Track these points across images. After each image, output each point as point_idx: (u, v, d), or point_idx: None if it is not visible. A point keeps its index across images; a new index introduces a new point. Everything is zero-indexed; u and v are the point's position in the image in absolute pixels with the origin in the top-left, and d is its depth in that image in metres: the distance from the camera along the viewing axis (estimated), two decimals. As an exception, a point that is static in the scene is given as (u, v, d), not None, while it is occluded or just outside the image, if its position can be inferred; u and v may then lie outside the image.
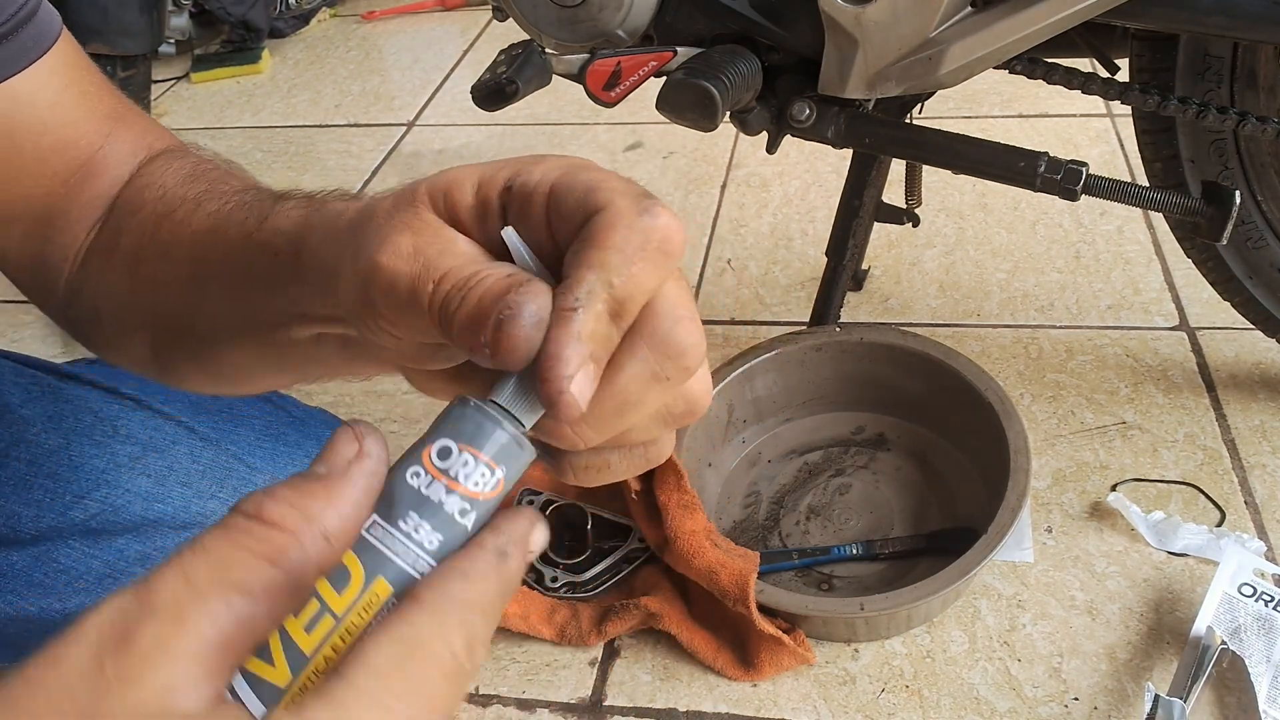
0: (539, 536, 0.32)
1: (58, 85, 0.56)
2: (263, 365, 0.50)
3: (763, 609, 0.83)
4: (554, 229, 0.34)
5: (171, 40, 1.99)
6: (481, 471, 0.31)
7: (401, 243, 0.34)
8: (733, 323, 1.26)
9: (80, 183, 0.57)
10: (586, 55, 0.84)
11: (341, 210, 0.42)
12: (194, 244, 0.51)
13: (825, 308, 1.06)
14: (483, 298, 0.32)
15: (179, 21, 1.92)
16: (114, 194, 0.58)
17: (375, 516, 0.30)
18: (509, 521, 0.31)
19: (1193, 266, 0.99)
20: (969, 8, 0.81)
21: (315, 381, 0.52)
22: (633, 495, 0.90)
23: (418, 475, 0.31)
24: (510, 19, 0.89)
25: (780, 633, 0.84)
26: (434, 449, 0.31)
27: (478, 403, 0.32)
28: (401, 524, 0.30)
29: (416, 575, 0.30)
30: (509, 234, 0.34)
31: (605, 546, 0.94)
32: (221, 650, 0.26)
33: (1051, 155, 0.84)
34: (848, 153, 1.00)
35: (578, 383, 0.31)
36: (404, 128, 1.81)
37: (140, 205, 0.56)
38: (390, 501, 0.31)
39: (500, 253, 0.34)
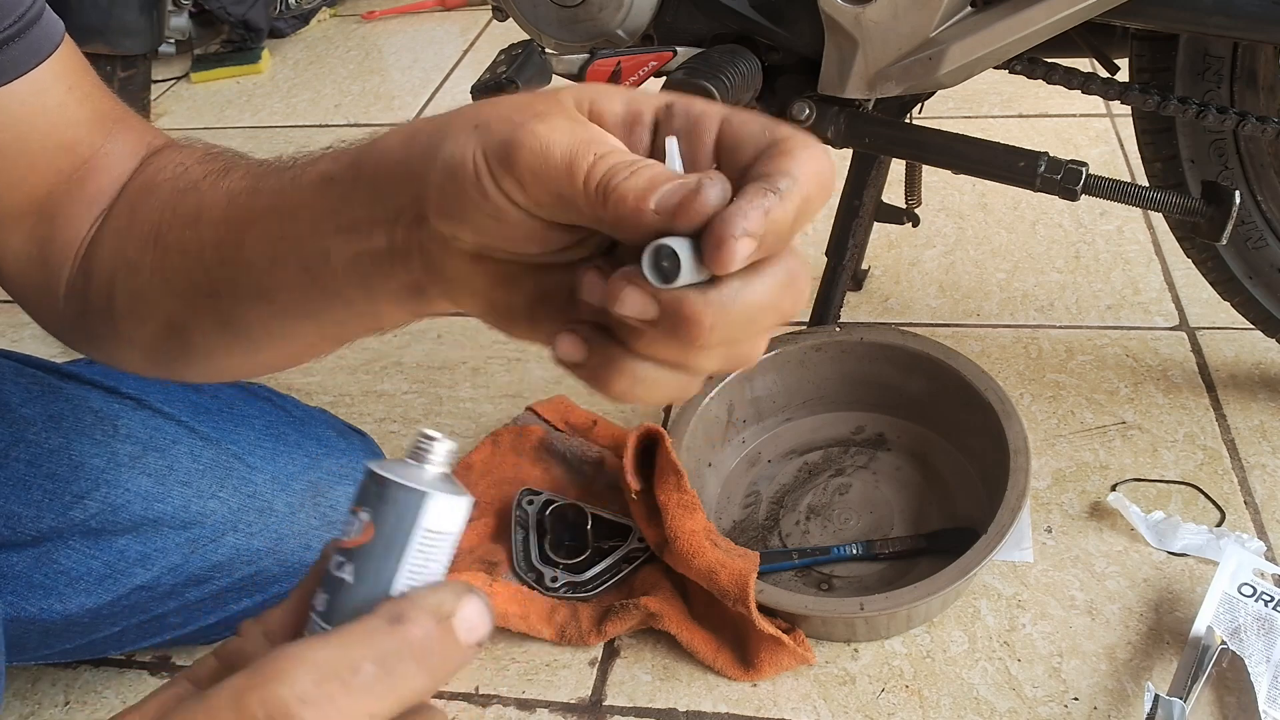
0: (469, 609, 0.31)
1: (62, 88, 0.57)
2: (297, 315, 0.49)
3: (762, 609, 0.83)
4: (723, 152, 0.36)
5: (171, 40, 1.98)
6: (350, 521, 0.32)
7: (557, 120, 0.35)
8: (733, 323, 1.26)
9: (82, 180, 0.58)
10: (586, 55, 0.84)
11: (415, 124, 0.42)
12: (230, 201, 0.51)
13: (825, 308, 1.06)
14: (654, 177, 0.34)
15: (179, 21, 1.92)
16: (116, 190, 0.58)
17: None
18: (430, 589, 0.31)
19: (1193, 266, 0.99)
20: (969, 8, 0.81)
21: (342, 342, 0.51)
22: (632, 495, 0.90)
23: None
24: (510, 19, 0.89)
25: (780, 633, 0.84)
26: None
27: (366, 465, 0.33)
28: (314, 601, 0.32)
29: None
30: (672, 143, 0.36)
31: (605, 546, 0.94)
32: None
33: (1051, 155, 0.84)
34: (847, 153, 1.00)
35: (746, 243, 0.32)
36: (404, 128, 1.81)
37: (155, 185, 0.56)
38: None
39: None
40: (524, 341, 0.42)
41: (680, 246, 0.32)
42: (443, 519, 0.31)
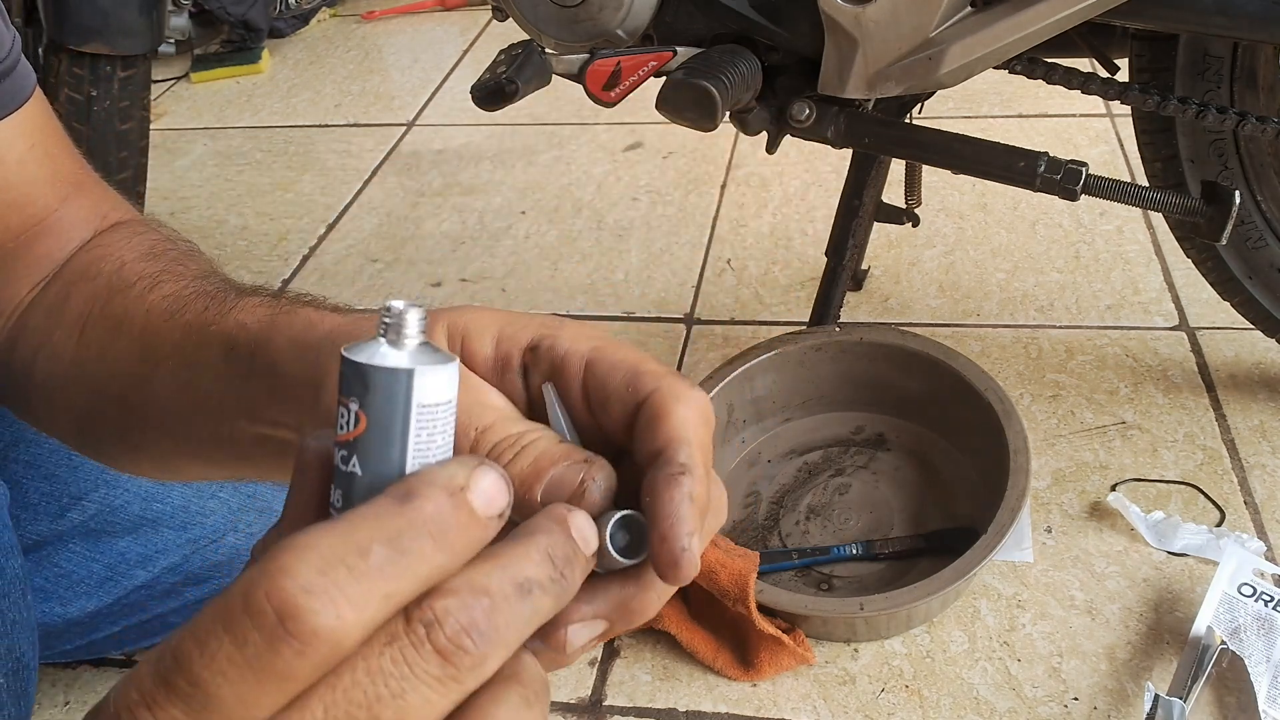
0: (484, 480, 0.29)
1: (24, 145, 0.56)
2: (195, 457, 0.49)
3: (762, 609, 0.83)
4: (591, 400, 0.36)
5: (171, 40, 1.98)
6: (342, 413, 0.30)
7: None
8: (732, 323, 1.26)
9: (30, 242, 0.57)
10: (586, 55, 0.84)
11: (316, 320, 0.42)
12: (148, 322, 0.50)
13: (825, 308, 1.06)
14: (539, 459, 0.33)
15: (179, 21, 1.92)
16: (63, 257, 0.57)
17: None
18: (440, 465, 0.30)
19: (1192, 266, 0.99)
20: (969, 8, 0.81)
21: (243, 479, 0.51)
22: (632, 495, 0.90)
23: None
24: (510, 19, 0.89)
25: (780, 633, 0.84)
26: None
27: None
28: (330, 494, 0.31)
29: None
30: (549, 391, 0.36)
31: (605, 546, 0.94)
32: None
33: (1051, 155, 0.84)
34: (847, 153, 1.00)
35: (696, 542, 0.31)
36: (404, 128, 1.81)
37: (95, 273, 0.55)
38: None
39: (521, 405, 0.37)
40: None
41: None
42: (435, 391, 0.30)
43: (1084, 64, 0.88)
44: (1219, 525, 0.93)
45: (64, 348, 0.53)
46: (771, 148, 0.93)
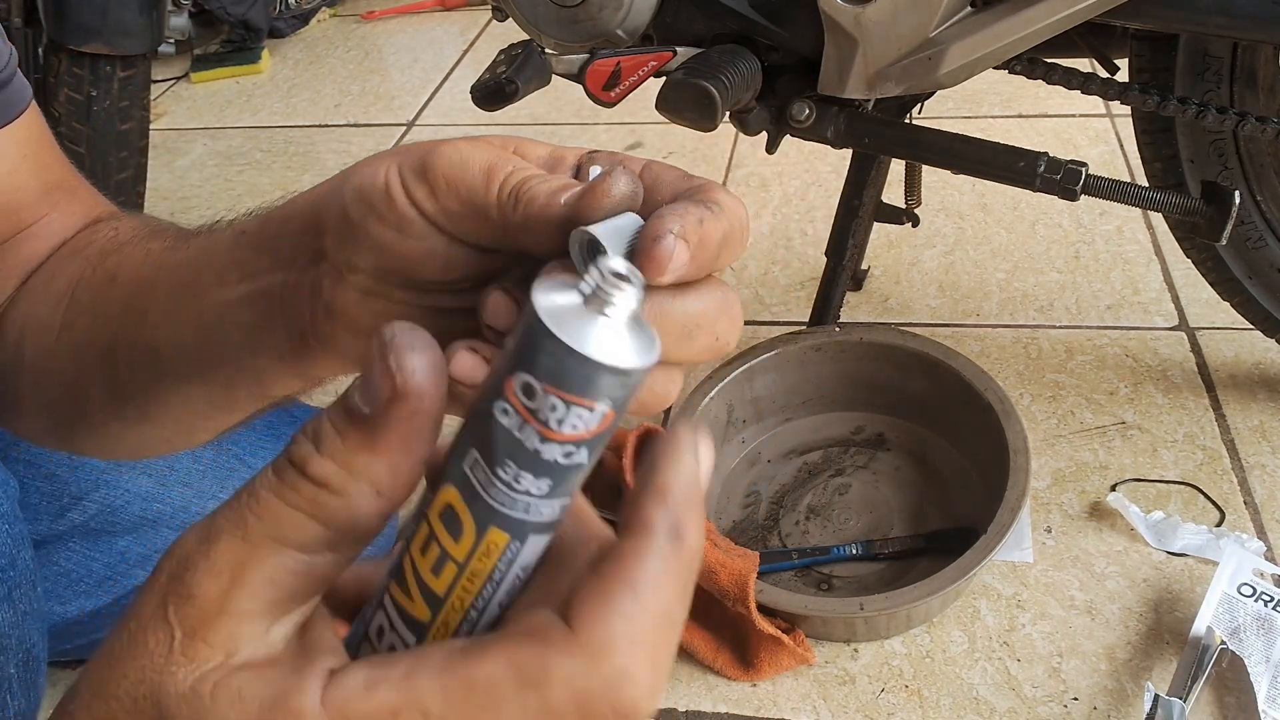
0: (706, 462, 0.28)
1: (17, 154, 0.57)
2: (185, 376, 0.47)
3: (762, 609, 0.83)
4: (644, 193, 0.35)
5: (171, 40, 1.99)
6: (578, 414, 0.27)
7: (481, 142, 0.35)
8: (732, 323, 1.26)
9: (17, 245, 0.57)
10: (586, 55, 0.84)
11: (324, 184, 0.41)
12: (146, 259, 0.50)
13: (825, 308, 1.06)
14: (568, 183, 0.33)
15: (179, 21, 1.92)
16: (47, 255, 0.57)
17: (475, 454, 0.28)
18: (673, 478, 0.27)
19: (1192, 266, 0.99)
20: (968, 8, 0.81)
21: (234, 414, 0.49)
22: (632, 495, 0.90)
23: (506, 414, 0.27)
24: (510, 19, 0.89)
25: (780, 633, 0.84)
26: (516, 385, 0.27)
27: (546, 326, 0.26)
28: (500, 472, 0.27)
29: (534, 520, 0.28)
30: (595, 169, 0.35)
31: (605, 546, 0.94)
32: (281, 601, 0.28)
33: (1051, 155, 0.84)
34: (847, 153, 1.00)
35: (681, 245, 0.30)
36: (404, 128, 1.81)
37: (84, 248, 0.55)
38: (485, 439, 0.27)
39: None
40: None
41: (607, 239, 0.30)
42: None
43: (1084, 64, 0.88)
44: (1219, 525, 0.93)
45: (53, 320, 0.53)
46: (771, 148, 0.93)
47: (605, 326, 0.27)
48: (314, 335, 0.40)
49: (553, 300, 0.27)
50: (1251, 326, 1.01)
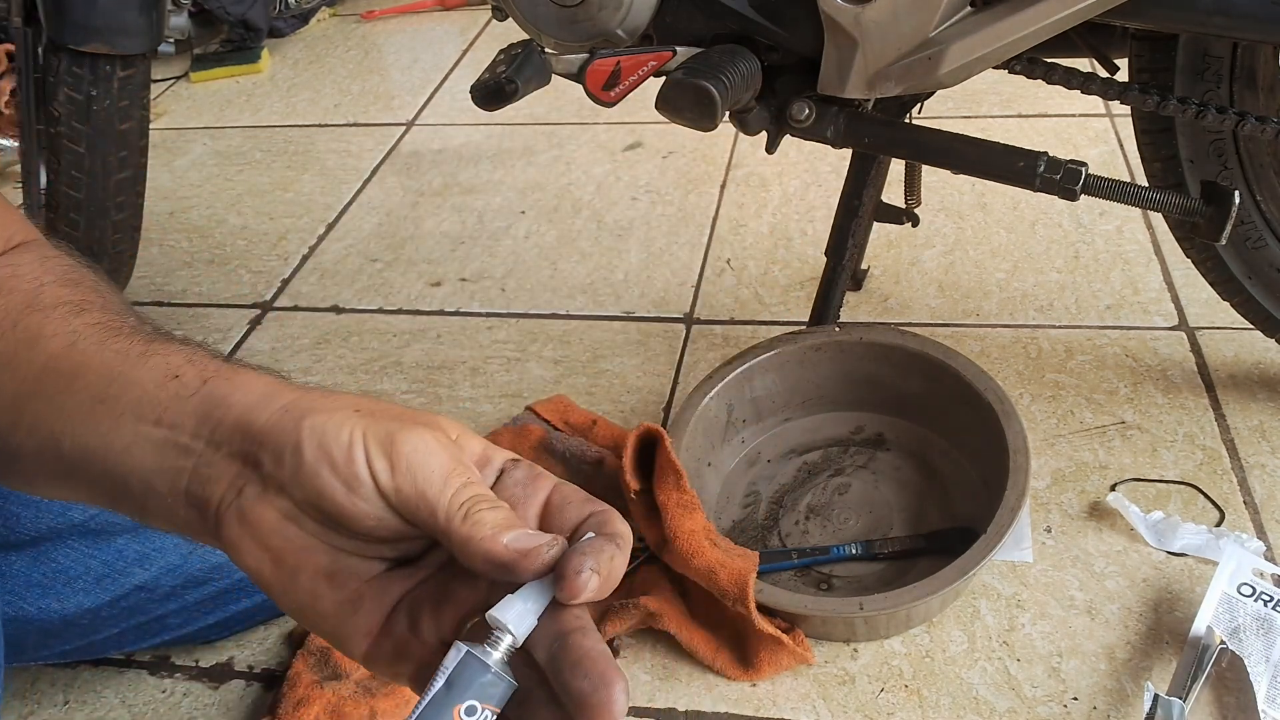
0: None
1: None
2: (80, 486, 0.48)
3: (762, 609, 0.83)
4: (550, 508, 0.44)
5: (171, 40, 1.97)
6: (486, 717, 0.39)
7: (440, 434, 0.43)
8: (732, 322, 1.26)
9: None
10: (586, 55, 0.84)
11: (274, 385, 0.45)
12: (72, 346, 0.48)
13: (825, 307, 1.06)
14: (510, 519, 0.41)
15: (178, 21, 1.91)
16: None
17: None
18: None
19: (1192, 266, 0.99)
20: (968, 7, 0.81)
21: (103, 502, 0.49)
22: (632, 495, 0.90)
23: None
24: (510, 18, 0.89)
25: (779, 632, 0.84)
26: (462, 709, 0.38)
27: (482, 660, 0.39)
28: None
29: None
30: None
31: (604, 546, 0.94)
32: None
33: (1051, 155, 0.84)
34: (847, 153, 1.00)
35: (595, 578, 0.39)
36: (403, 127, 1.81)
37: (8, 290, 0.52)
38: None
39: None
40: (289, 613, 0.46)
41: (512, 618, 0.40)
42: None
43: (1084, 64, 0.88)
44: (1218, 525, 0.93)
45: None
46: (771, 148, 0.93)
47: (501, 663, 0.40)
48: (216, 523, 0.43)
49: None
50: (1251, 326, 1.01)
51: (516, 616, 0.39)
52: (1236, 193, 0.83)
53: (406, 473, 0.41)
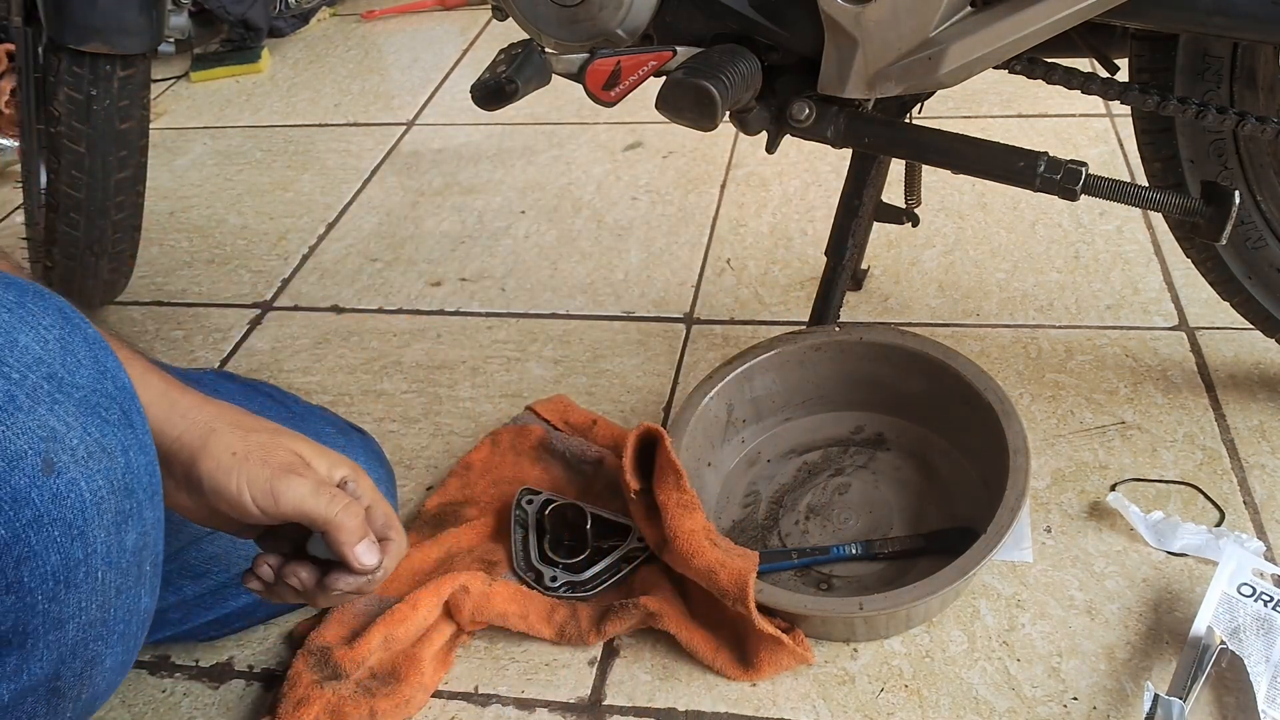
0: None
1: None
2: None
3: (762, 608, 0.83)
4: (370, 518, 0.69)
5: (171, 39, 1.97)
6: None
7: (300, 483, 0.65)
8: (732, 322, 1.26)
9: None
10: (586, 55, 0.84)
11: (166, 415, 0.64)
12: None
13: (825, 307, 1.06)
14: (361, 525, 0.67)
15: (178, 20, 1.91)
16: None
17: None
18: None
19: (1192, 266, 0.99)
20: (969, 7, 0.81)
21: None
22: (632, 495, 0.90)
23: None
24: (510, 18, 0.89)
25: (779, 632, 0.84)
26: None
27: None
28: None
29: None
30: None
31: (604, 546, 0.94)
32: None
33: (1051, 155, 0.84)
34: (847, 152, 1.00)
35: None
36: (404, 127, 1.81)
37: None
38: None
39: None
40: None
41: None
42: None
43: (1084, 64, 0.88)
44: (1218, 525, 0.93)
45: None
46: (771, 147, 0.93)
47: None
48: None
49: None
50: (1251, 326, 1.01)
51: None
52: (1237, 193, 0.83)
53: (286, 504, 0.63)
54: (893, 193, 1.10)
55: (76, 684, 0.56)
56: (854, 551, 0.93)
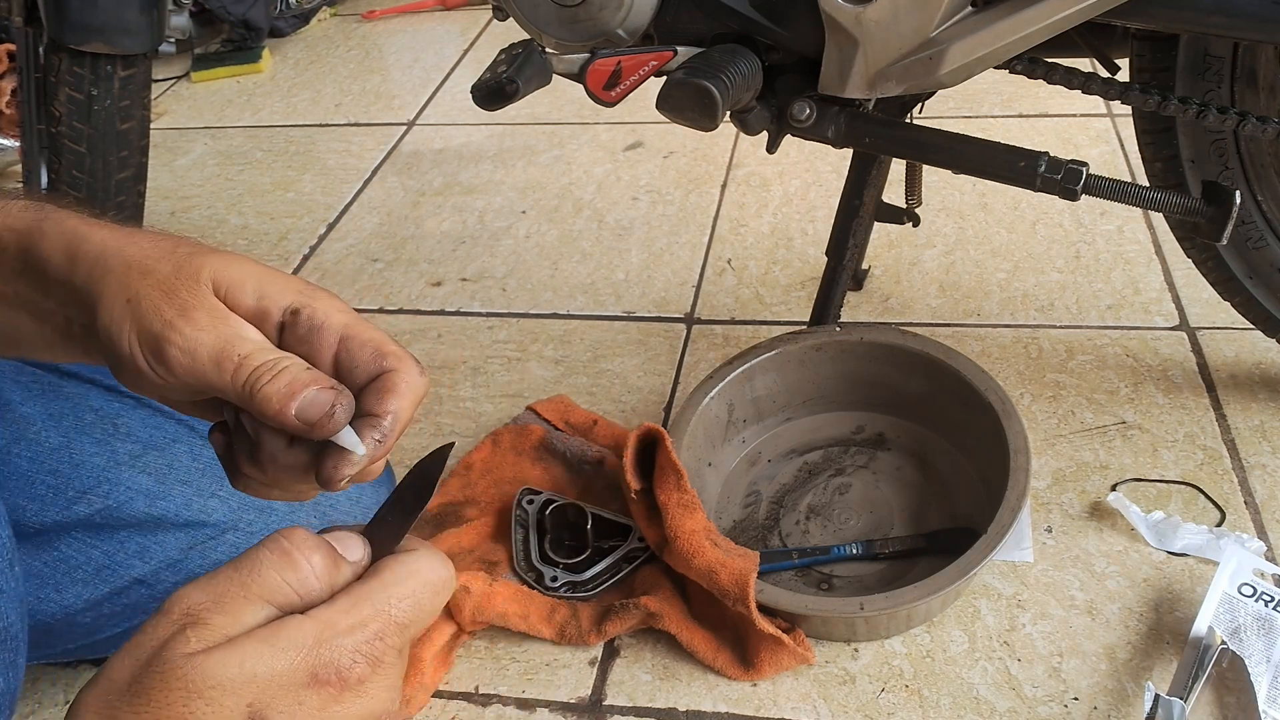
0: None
1: None
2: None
3: (762, 608, 0.83)
4: (340, 364, 0.46)
5: (172, 39, 1.98)
6: None
7: (200, 316, 0.44)
8: (733, 322, 1.26)
9: None
10: (587, 55, 0.84)
11: (85, 232, 0.47)
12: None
13: (825, 307, 1.06)
14: (293, 382, 0.43)
15: (179, 21, 1.92)
16: None
17: None
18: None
19: (1193, 266, 0.99)
20: (969, 7, 0.81)
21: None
22: (632, 495, 0.90)
23: None
24: (510, 18, 0.89)
25: (780, 632, 0.84)
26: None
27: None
28: None
29: None
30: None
31: (605, 546, 0.94)
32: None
33: (1052, 155, 0.84)
34: (847, 152, 1.00)
35: (349, 478, 0.45)
36: (404, 127, 1.81)
37: None
38: None
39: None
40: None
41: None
42: None
43: (1084, 64, 0.88)
44: (1219, 525, 0.93)
45: None
46: (772, 147, 0.93)
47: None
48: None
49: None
50: (1252, 326, 1.01)
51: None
52: (1237, 193, 0.83)
53: (184, 374, 0.44)
54: (893, 193, 1.09)
55: None
56: (854, 551, 0.93)
